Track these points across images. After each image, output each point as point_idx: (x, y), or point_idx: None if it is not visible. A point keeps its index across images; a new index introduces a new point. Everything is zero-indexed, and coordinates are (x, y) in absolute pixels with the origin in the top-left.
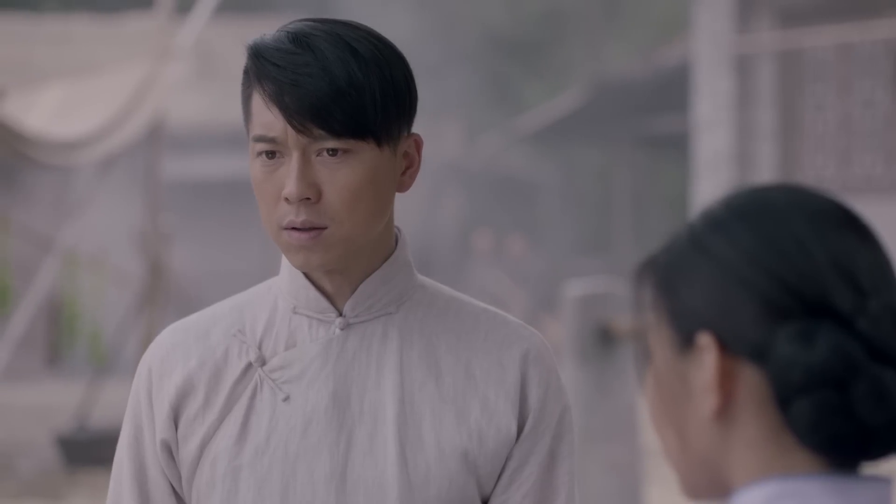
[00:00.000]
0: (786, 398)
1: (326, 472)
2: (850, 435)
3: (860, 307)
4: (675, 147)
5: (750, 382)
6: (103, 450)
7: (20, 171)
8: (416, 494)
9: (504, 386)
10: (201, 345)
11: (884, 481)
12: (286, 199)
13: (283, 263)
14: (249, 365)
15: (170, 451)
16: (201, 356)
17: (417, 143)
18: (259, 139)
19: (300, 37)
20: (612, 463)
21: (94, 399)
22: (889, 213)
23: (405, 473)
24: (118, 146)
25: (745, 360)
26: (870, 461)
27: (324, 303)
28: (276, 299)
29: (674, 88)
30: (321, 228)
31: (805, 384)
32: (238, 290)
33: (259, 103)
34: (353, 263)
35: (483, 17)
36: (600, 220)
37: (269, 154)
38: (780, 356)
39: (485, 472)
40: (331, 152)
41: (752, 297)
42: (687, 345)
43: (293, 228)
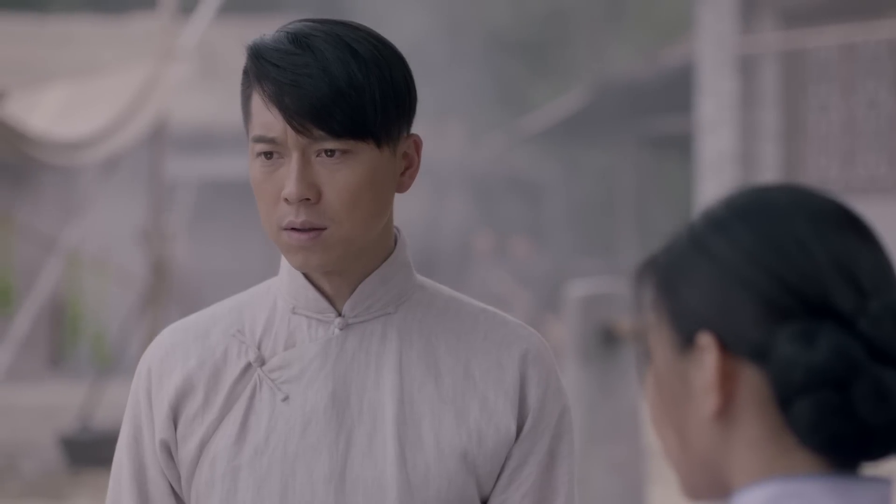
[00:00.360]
0: (786, 398)
1: (325, 472)
2: (851, 435)
3: (861, 307)
4: (679, 147)
5: (750, 383)
6: (107, 450)
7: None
8: (415, 494)
9: (503, 386)
10: (200, 345)
11: (885, 482)
12: (286, 200)
13: (283, 264)
14: (248, 365)
15: (169, 451)
16: (200, 356)
17: (417, 144)
18: (258, 139)
19: (300, 37)
20: (615, 463)
21: (97, 399)
22: (893, 213)
23: (404, 473)
24: (122, 147)
25: (746, 361)
26: (870, 462)
27: (323, 303)
28: (275, 299)
29: (677, 89)
30: (320, 229)
31: (806, 384)
32: (241, 290)
33: (259, 104)
34: (352, 264)
35: (487, 17)
36: (604, 220)
37: (268, 154)
38: (781, 356)
39: (484, 472)
40: (330, 153)
41: (752, 297)
42: (687, 345)
43: (292, 229)
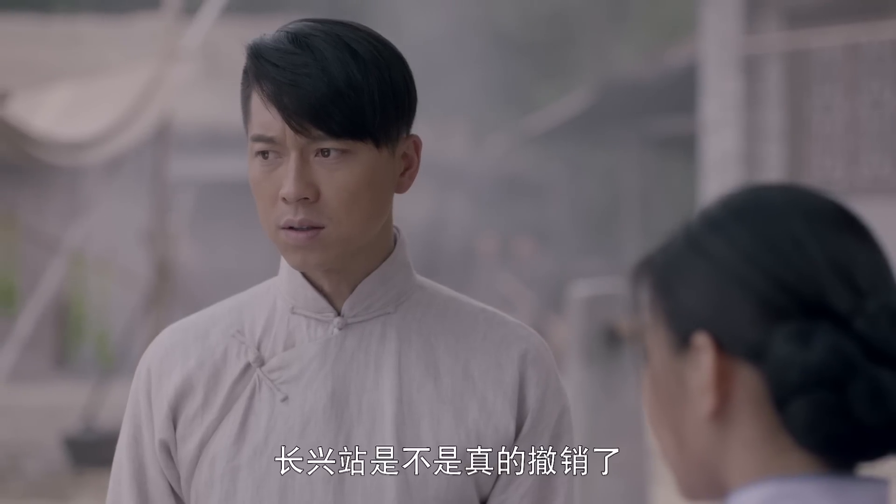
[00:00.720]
0: (783, 399)
1: (325, 472)
2: (847, 435)
3: (857, 307)
4: (683, 148)
5: (747, 383)
6: (110, 451)
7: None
8: (413, 494)
9: (502, 386)
10: (200, 345)
11: (881, 482)
12: (284, 199)
13: (282, 263)
14: (248, 365)
15: (168, 451)
16: (200, 356)
17: (416, 145)
18: (257, 139)
19: (299, 37)
20: (618, 464)
21: (100, 400)
22: None
23: (403, 473)
24: (125, 147)
25: (742, 361)
26: (867, 462)
27: (322, 303)
28: (274, 299)
29: (681, 89)
30: (319, 228)
31: (802, 384)
32: (244, 290)
33: (258, 103)
34: (351, 263)
35: (491, 18)
36: (608, 220)
37: (266, 154)
38: (777, 356)
39: (483, 472)
40: (329, 153)
41: (748, 297)
42: (684, 345)
43: (291, 228)
